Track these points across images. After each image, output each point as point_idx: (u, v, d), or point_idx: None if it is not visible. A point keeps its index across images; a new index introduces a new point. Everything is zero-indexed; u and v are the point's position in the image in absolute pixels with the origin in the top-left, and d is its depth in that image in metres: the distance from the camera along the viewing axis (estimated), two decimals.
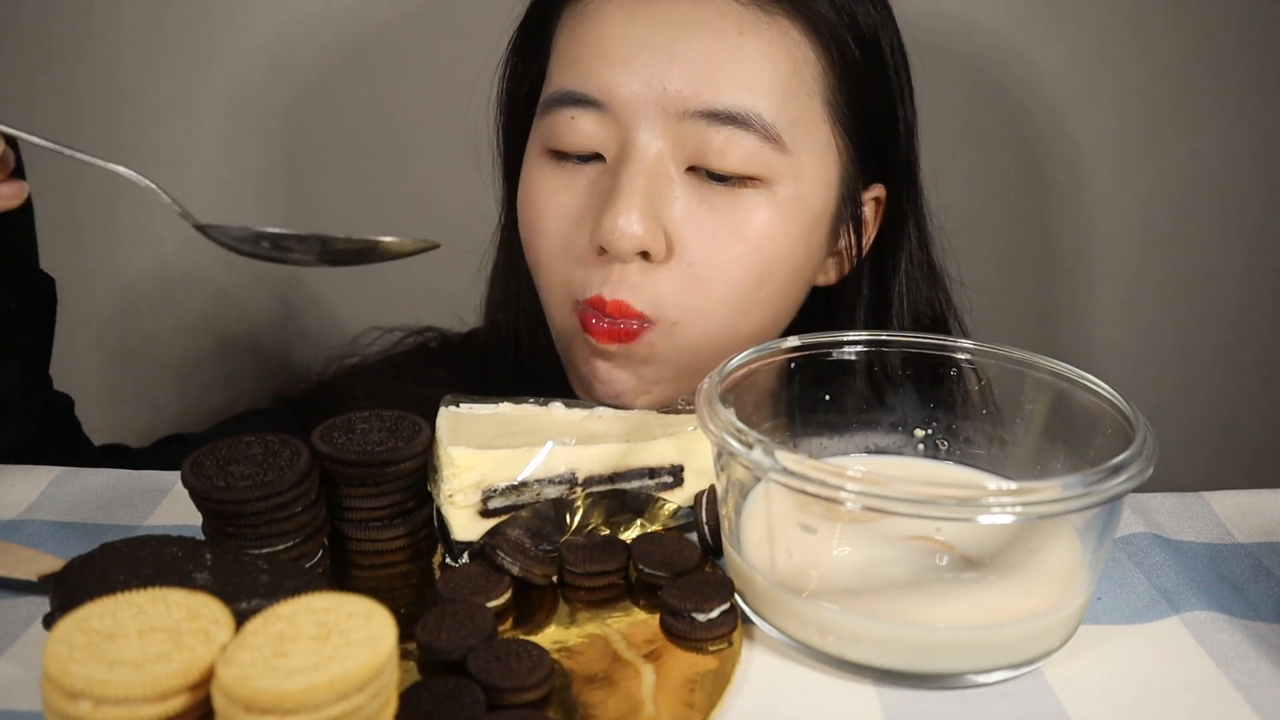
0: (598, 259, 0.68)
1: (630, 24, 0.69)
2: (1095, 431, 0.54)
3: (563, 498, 0.57)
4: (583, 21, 0.71)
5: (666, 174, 0.68)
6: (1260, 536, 0.60)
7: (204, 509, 0.54)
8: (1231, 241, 1.17)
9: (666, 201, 0.68)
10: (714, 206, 0.68)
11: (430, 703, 0.43)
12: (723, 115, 0.67)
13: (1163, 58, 1.10)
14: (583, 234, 0.69)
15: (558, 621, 0.52)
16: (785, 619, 0.50)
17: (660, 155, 0.68)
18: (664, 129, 0.68)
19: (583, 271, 0.69)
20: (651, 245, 0.67)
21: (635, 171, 0.67)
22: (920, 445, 0.62)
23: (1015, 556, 0.52)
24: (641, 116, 0.68)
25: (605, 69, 0.68)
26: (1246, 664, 0.50)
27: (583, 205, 0.70)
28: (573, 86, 0.69)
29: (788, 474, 0.46)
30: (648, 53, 0.68)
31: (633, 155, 0.68)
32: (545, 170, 0.72)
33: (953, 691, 0.48)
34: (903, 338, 0.61)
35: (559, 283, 0.71)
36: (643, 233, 0.66)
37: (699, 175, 0.68)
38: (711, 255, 0.68)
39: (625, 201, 0.66)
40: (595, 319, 0.68)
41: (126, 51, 1.07)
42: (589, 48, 0.70)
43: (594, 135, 0.69)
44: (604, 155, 0.70)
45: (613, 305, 0.67)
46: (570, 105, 0.69)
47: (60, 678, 0.36)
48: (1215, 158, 1.13)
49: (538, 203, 0.72)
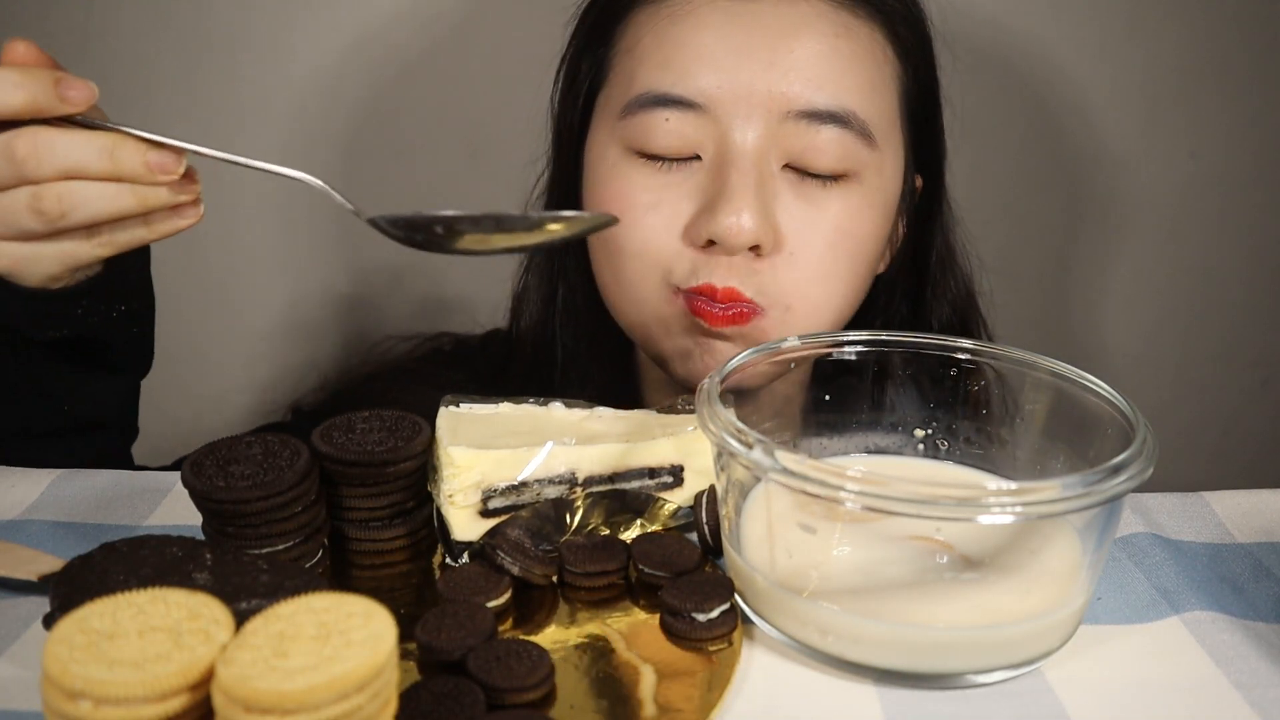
0: (703, 251, 0.71)
1: (728, 26, 0.70)
2: (1095, 431, 0.54)
3: (563, 498, 0.57)
4: (674, 23, 0.72)
5: (769, 170, 0.71)
6: (1260, 536, 0.60)
7: (204, 509, 0.54)
8: (1231, 241, 1.17)
9: (772, 197, 0.71)
10: (811, 200, 0.71)
11: (430, 703, 0.43)
12: (823, 115, 0.70)
13: (1163, 58, 1.10)
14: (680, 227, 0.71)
15: (558, 621, 0.52)
16: (785, 619, 0.50)
17: (761, 153, 0.70)
18: (764, 129, 0.70)
19: (685, 261, 0.72)
20: (764, 239, 0.69)
21: (744, 170, 0.70)
22: (920, 445, 0.62)
23: (1015, 556, 0.52)
24: (743, 117, 0.70)
25: (706, 71, 0.70)
26: (1246, 664, 0.49)
27: (679, 199, 0.72)
28: (669, 89, 0.71)
29: (788, 474, 0.46)
30: (748, 55, 0.70)
31: (738, 154, 0.70)
32: (632, 168, 0.73)
33: (953, 691, 0.48)
34: (903, 338, 0.61)
35: (652, 270, 0.73)
36: (756, 228, 0.69)
37: (795, 171, 0.71)
38: (811, 246, 0.71)
39: (740, 199, 0.69)
40: (707, 305, 0.71)
41: (126, 51, 1.07)
42: (685, 50, 0.71)
43: (690, 136, 0.71)
44: (699, 154, 0.72)
45: (724, 292, 0.70)
46: (666, 107, 0.71)
47: (60, 678, 0.35)
48: (1215, 157, 1.13)
49: (626, 198, 0.73)
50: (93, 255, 0.58)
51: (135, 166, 0.54)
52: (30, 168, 0.53)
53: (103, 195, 0.54)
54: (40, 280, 0.59)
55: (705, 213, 0.70)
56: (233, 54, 1.08)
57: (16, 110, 0.52)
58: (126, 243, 0.58)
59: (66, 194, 0.53)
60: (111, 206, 0.54)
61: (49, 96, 0.53)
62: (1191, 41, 1.10)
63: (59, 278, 0.60)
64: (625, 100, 0.73)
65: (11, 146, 0.53)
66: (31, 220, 0.54)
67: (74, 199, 0.54)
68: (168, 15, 1.06)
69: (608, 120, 0.75)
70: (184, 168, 0.55)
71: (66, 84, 0.53)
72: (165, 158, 0.54)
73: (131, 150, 0.54)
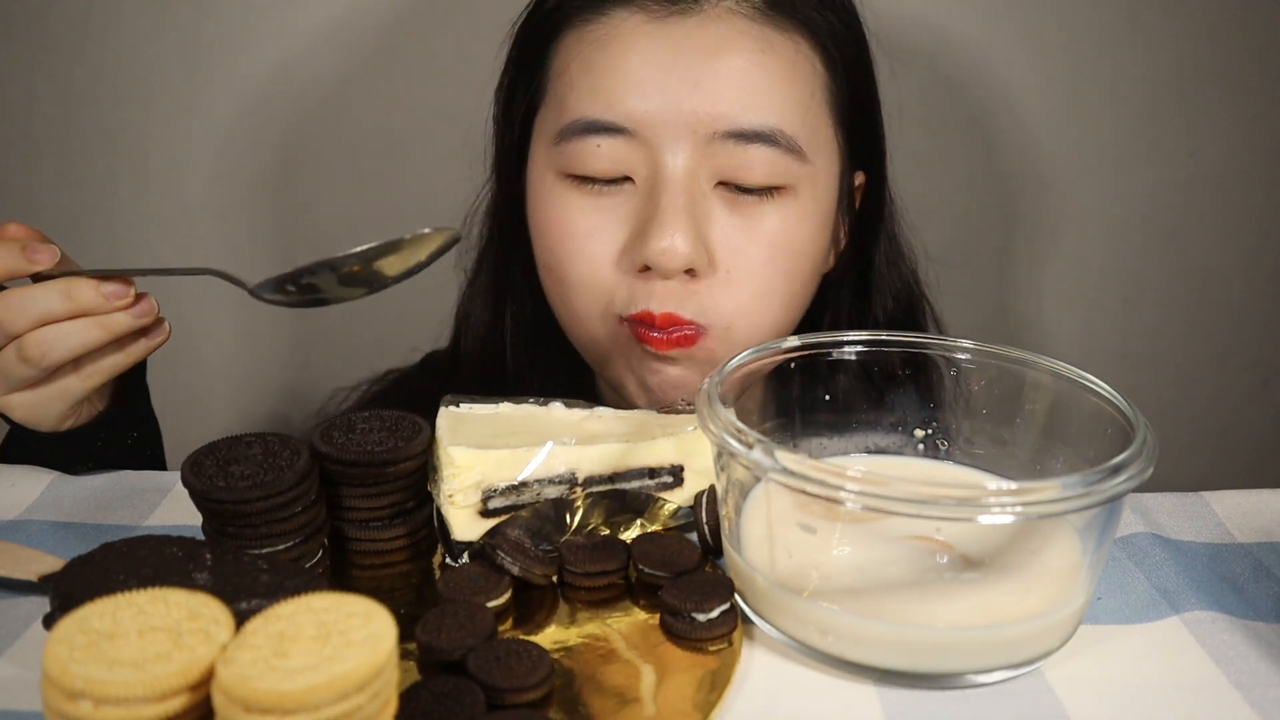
0: (639, 276, 0.71)
1: (653, 49, 0.70)
2: (1095, 431, 0.54)
3: (563, 498, 0.57)
4: (599, 49, 0.72)
5: (700, 191, 0.71)
6: (1260, 536, 0.60)
7: (204, 509, 0.54)
8: (1231, 241, 1.17)
9: (704, 218, 0.71)
10: (744, 216, 0.72)
11: (430, 703, 0.43)
12: (749, 134, 0.70)
13: (1163, 58, 1.10)
14: (618, 254, 0.72)
15: (558, 621, 0.52)
16: (785, 619, 0.50)
17: (692, 174, 0.70)
18: (693, 150, 0.70)
19: (624, 289, 0.72)
20: (697, 262, 0.70)
21: (674, 193, 0.70)
22: (920, 445, 0.62)
23: (1015, 556, 0.52)
24: (671, 139, 0.70)
25: (631, 96, 0.70)
26: (1246, 664, 0.49)
27: (615, 224, 0.72)
28: (598, 115, 0.71)
29: (788, 474, 0.46)
30: (673, 77, 0.69)
31: (668, 177, 0.70)
32: (568, 194, 0.73)
33: (953, 691, 0.48)
34: (903, 337, 0.61)
35: (596, 300, 0.74)
36: (689, 251, 0.69)
37: (727, 189, 0.71)
38: (746, 263, 0.72)
39: (672, 223, 0.69)
40: (648, 331, 0.71)
41: (126, 51, 1.07)
42: (611, 75, 0.71)
43: (621, 160, 0.71)
44: (632, 178, 0.72)
45: (662, 318, 0.71)
46: (595, 134, 0.71)
47: (60, 678, 0.35)
48: (1215, 157, 1.13)
49: (564, 225, 0.73)
50: (84, 387, 0.64)
51: (92, 299, 0.60)
52: (8, 325, 0.60)
53: (73, 331, 0.61)
54: (54, 422, 0.65)
55: (638, 238, 0.70)
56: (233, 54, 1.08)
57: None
58: (110, 369, 0.64)
59: (41, 338, 0.60)
60: (82, 339, 0.61)
61: (18, 260, 0.60)
62: (1191, 41, 1.09)
63: (68, 416, 0.66)
64: (558, 127, 0.73)
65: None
66: (23, 369, 0.61)
67: (50, 340, 0.60)
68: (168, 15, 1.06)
69: (544, 143, 0.75)
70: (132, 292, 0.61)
71: (33, 249, 0.61)
72: (116, 286, 0.60)
73: (85, 287, 0.60)
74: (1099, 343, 1.20)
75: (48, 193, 1.12)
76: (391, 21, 1.08)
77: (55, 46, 1.07)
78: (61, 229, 1.08)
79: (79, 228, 1.12)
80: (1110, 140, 1.12)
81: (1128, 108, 1.12)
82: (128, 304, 0.61)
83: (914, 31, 1.07)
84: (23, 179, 1.11)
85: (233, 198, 1.12)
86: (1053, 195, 1.14)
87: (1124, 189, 1.14)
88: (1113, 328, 1.19)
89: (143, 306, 0.62)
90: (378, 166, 1.11)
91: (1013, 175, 1.14)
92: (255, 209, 1.13)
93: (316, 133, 1.11)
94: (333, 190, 1.12)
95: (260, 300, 0.59)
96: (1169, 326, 1.20)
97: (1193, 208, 1.15)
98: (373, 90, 1.09)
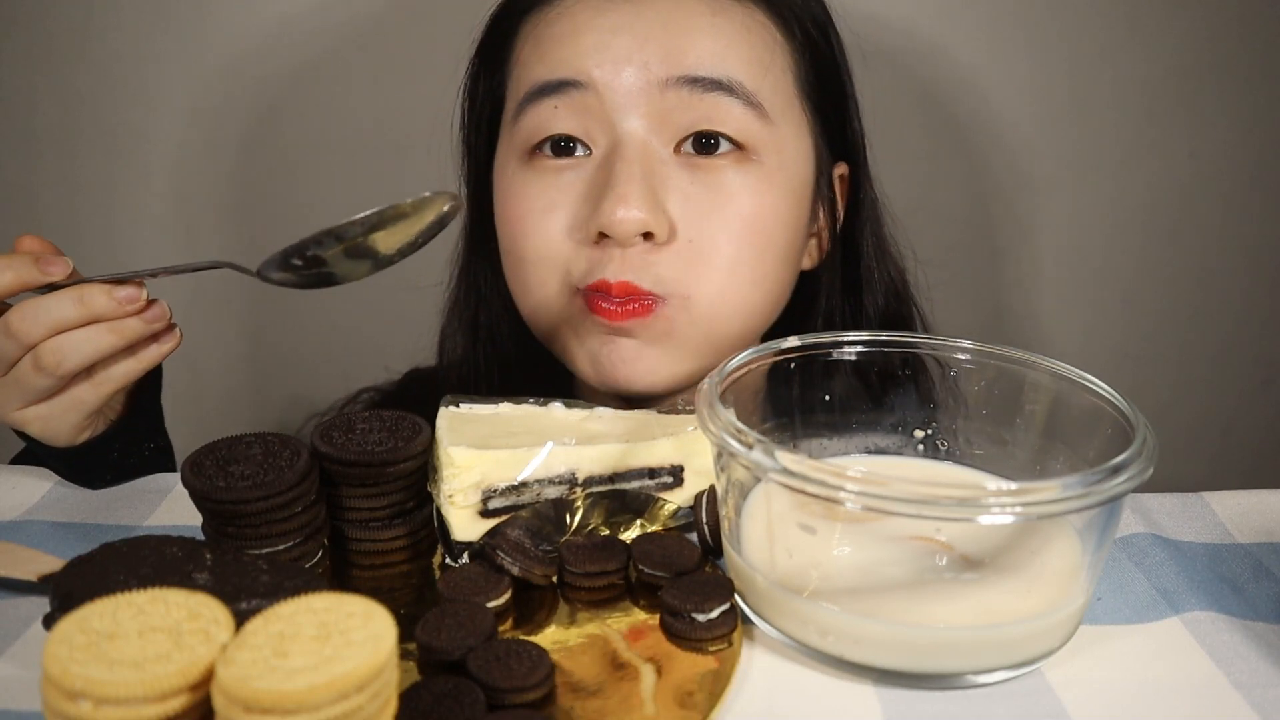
0: (596, 246, 0.70)
1: (601, 14, 0.70)
2: (1095, 431, 0.54)
3: (563, 498, 0.57)
4: (551, 24, 0.72)
5: (658, 156, 0.70)
6: (1260, 536, 0.60)
7: (204, 509, 0.54)
8: (1231, 241, 1.17)
9: (662, 183, 0.69)
10: (705, 184, 0.70)
11: (430, 703, 0.43)
12: (706, 81, 0.69)
13: (1163, 58, 1.10)
14: (574, 226, 0.71)
15: (558, 621, 0.52)
16: (785, 619, 0.50)
17: (648, 137, 0.69)
18: (648, 107, 0.69)
19: (581, 260, 0.70)
20: (655, 226, 0.68)
21: (630, 158, 0.68)
22: (920, 445, 0.62)
23: (1015, 556, 0.52)
24: (624, 96, 0.69)
25: (582, 55, 0.70)
26: (1246, 664, 0.49)
27: (572, 199, 0.71)
28: (550, 76, 0.70)
29: (788, 474, 0.46)
30: (622, 34, 0.69)
31: (624, 141, 0.69)
32: (527, 175, 0.73)
33: (953, 691, 0.48)
34: (903, 338, 0.61)
35: (553, 274, 0.72)
36: (645, 215, 0.67)
37: (687, 154, 0.70)
38: (708, 230, 0.70)
39: (625, 185, 0.67)
40: (603, 301, 0.69)
41: (126, 51, 1.07)
42: (561, 41, 0.71)
43: (577, 124, 0.70)
44: (590, 147, 0.71)
45: (618, 286, 0.69)
46: (550, 95, 0.70)
47: (60, 678, 0.35)
48: (1215, 158, 1.13)
49: (522, 204, 0.72)
50: (97, 396, 0.63)
51: (105, 305, 0.60)
52: (24, 335, 0.60)
53: (86, 339, 0.60)
54: (69, 435, 0.65)
55: (593, 206, 0.69)
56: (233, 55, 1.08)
57: (9, 287, 0.60)
58: (123, 376, 0.63)
59: (57, 346, 0.60)
60: (95, 346, 0.61)
61: (31, 272, 0.61)
62: (1191, 41, 1.10)
63: (83, 428, 0.65)
64: (515, 103, 0.73)
65: (8, 323, 0.60)
66: (39, 379, 0.61)
67: (64, 348, 0.60)
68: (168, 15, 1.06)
69: (507, 136, 0.75)
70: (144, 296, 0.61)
71: (46, 261, 0.61)
72: (129, 291, 0.60)
73: (97, 293, 0.60)
74: (1099, 343, 1.20)
75: (48, 193, 1.12)
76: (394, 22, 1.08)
77: (55, 46, 1.07)
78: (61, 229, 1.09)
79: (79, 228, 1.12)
80: (1110, 140, 1.12)
81: (1128, 108, 1.11)
82: (140, 308, 0.61)
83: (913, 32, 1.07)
84: (23, 179, 1.11)
85: (233, 198, 1.12)
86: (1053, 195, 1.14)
87: (1124, 189, 1.14)
88: (1113, 328, 1.19)
89: (155, 311, 0.62)
90: (380, 167, 1.11)
91: (1013, 176, 1.14)
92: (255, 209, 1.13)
93: (317, 133, 1.11)
94: (334, 190, 1.12)
95: (267, 281, 0.59)
96: (1169, 326, 1.20)
97: (1193, 208, 1.15)
98: (375, 91, 1.09)
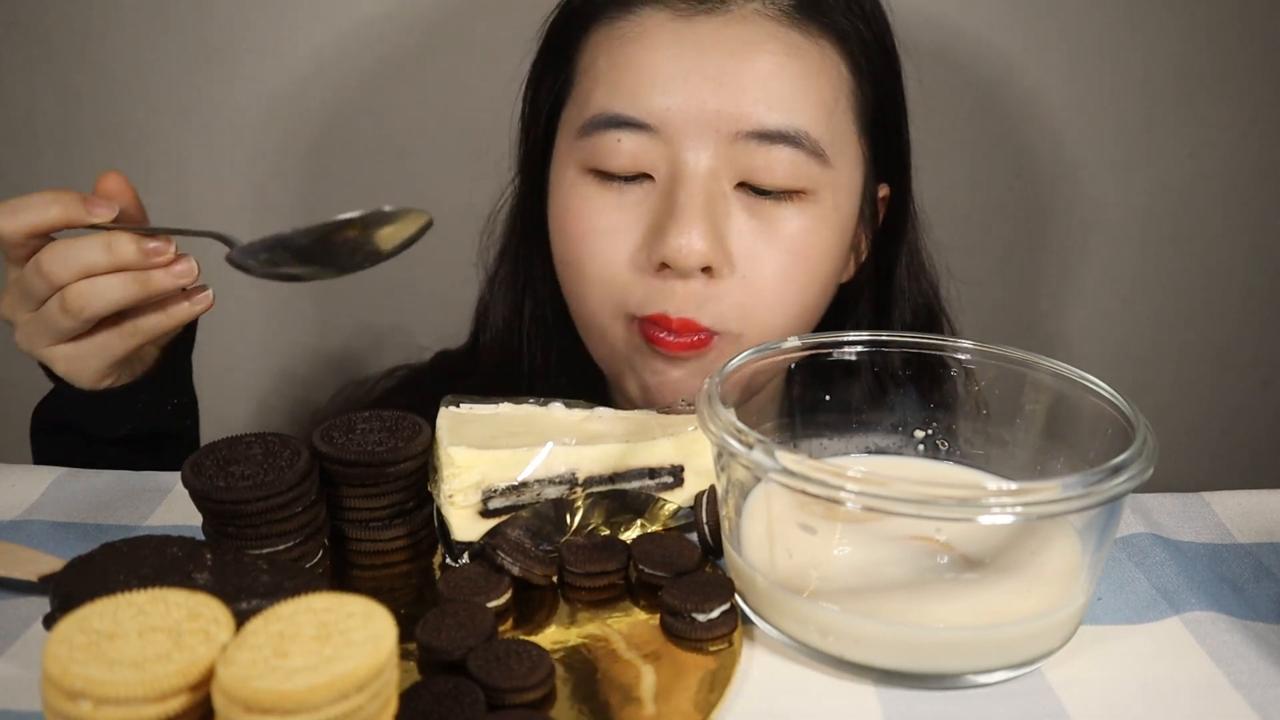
0: (656, 275, 0.71)
1: (678, 47, 0.70)
2: (1095, 431, 0.54)
3: (563, 498, 0.57)
4: (626, 45, 0.72)
5: (720, 191, 0.70)
6: (1260, 536, 0.60)
7: (204, 509, 0.54)
8: (1231, 241, 1.17)
9: (723, 217, 0.70)
10: (763, 219, 0.71)
11: (430, 703, 0.43)
12: (773, 134, 0.69)
13: (1163, 58, 1.10)
14: (636, 251, 0.71)
15: (558, 621, 0.52)
16: (785, 619, 0.50)
17: (713, 173, 0.70)
18: (715, 149, 0.70)
19: (640, 288, 0.72)
20: (714, 260, 0.69)
21: (693, 191, 0.69)
22: (920, 445, 0.62)
23: (1015, 556, 0.52)
24: (693, 137, 0.70)
25: (655, 93, 0.70)
26: (1246, 664, 0.49)
27: (634, 223, 0.72)
28: (621, 110, 0.71)
29: (788, 474, 0.46)
30: (697, 76, 0.69)
31: (687, 174, 0.70)
32: (588, 189, 0.73)
33: (953, 691, 0.48)
34: (903, 338, 0.61)
35: (611, 299, 0.73)
36: (707, 249, 0.68)
37: (746, 190, 0.71)
38: (764, 267, 0.71)
39: (689, 219, 0.68)
40: (661, 332, 0.71)
41: (126, 51, 1.07)
42: (636, 72, 0.71)
43: (642, 156, 0.71)
44: (652, 175, 0.71)
45: (679, 323, 0.70)
46: (617, 128, 0.71)
47: (60, 678, 0.35)
48: (1216, 158, 1.13)
49: (583, 221, 0.73)
50: (124, 346, 0.65)
51: (131, 255, 0.61)
52: (54, 275, 0.62)
53: (111, 286, 0.62)
54: (92, 378, 0.67)
55: (655, 235, 0.70)
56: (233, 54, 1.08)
57: (55, 223, 0.62)
58: (150, 330, 0.65)
59: (82, 290, 0.62)
60: (120, 294, 0.62)
61: (78, 210, 0.62)
62: (1191, 41, 1.10)
63: (107, 374, 0.67)
64: (581, 121, 0.73)
65: (39, 262, 0.62)
66: (64, 319, 0.63)
67: (90, 292, 0.62)
68: (168, 15, 1.06)
69: (568, 138, 0.75)
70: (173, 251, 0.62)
71: (92, 202, 0.62)
72: (157, 244, 0.62)
73: (125, 242, 0.61)
74: (1099, 343, 1.20)
75: None
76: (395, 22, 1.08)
77: (55, 46, 1.07)
78: None
79: None
80: (1110, 141, 1.12)
81: (1128, 108, 1.12)
82: (167, 261, 0.62)
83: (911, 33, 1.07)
84: (23, 179, 1.11)
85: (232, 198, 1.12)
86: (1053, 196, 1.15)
87: (1124, 190, 1.14)
88: (1113, 328, 1.19)
89: (181, 267, 0.62)
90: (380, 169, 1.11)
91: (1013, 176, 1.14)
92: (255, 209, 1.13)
93: (317, 133, 1.11)
94: (334, 191, 1.12)
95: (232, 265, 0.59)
96: (1169, 326, 1.20)
97: (1193, 208, 1.15)
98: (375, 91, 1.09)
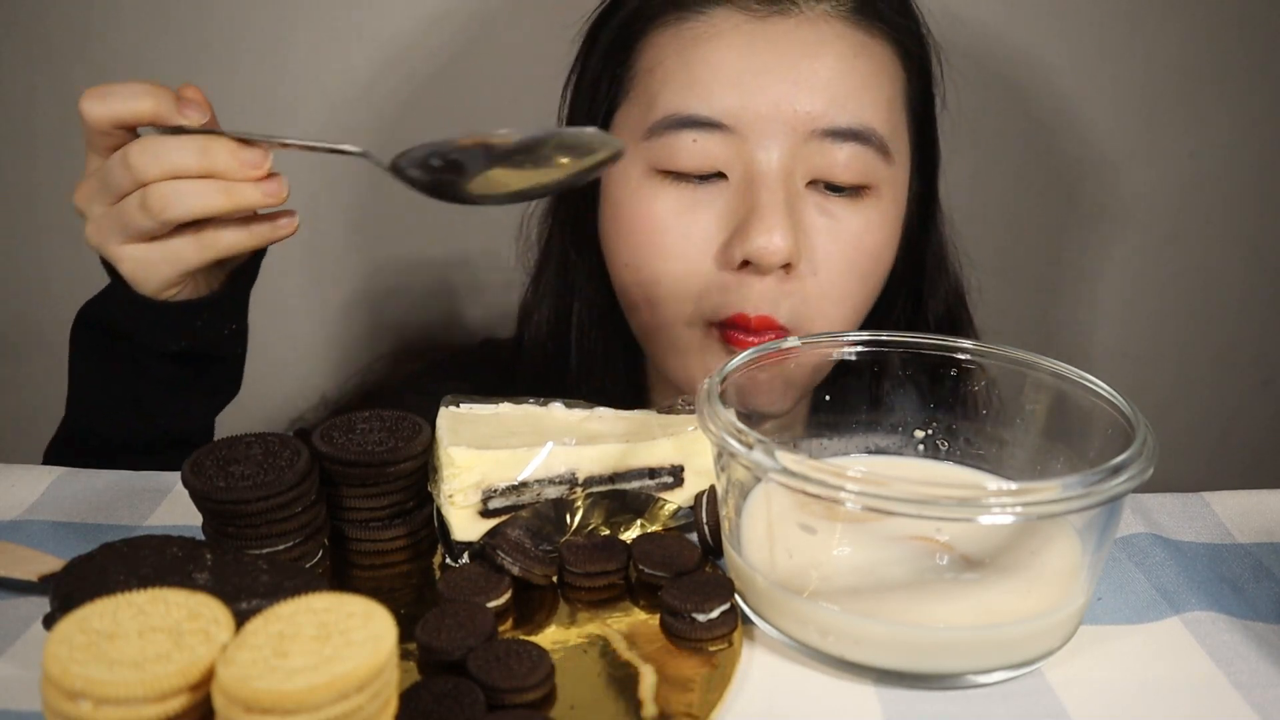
0: (735, 273, 0.71)
1: (750, 47, 0.71)
2: (1095, 432, 0.54)
3: (563, 498, 0.57)
4: (697, 44, 0.72)
5: (795, 188, 0.71)
6: (1260, 536, 0.60)
7: (204, 509, 0.54)
8: (1231, 241, 1.17)
9: (799, 215, 0.71)
10: (831, 216, 0.72)
11: (430, 703, 0.43)
12: (844, 133, 0.71)
13: (1163, 58, 1.10)
14: (716, 250, 0.72)
15: (558, 621, 0.52)
16: (785, 619, 0.50)
17: (787, 171, 0.71)
18: (788, 147, 0.71)
19: (717, 288, 0.72)
20: (795, 257, 0.70)
21: (773, 189, 0.70)
22: (920, 445, 0.62)
23: (1015, 556, 0.52)
24: (768, 135, 0.70)
25: (730, 92, 0.70)
26: (1246, 664, 0.49)
27: (711, 221, 0.72)
28: (695, 110, 0.71)
29: (788, 474, 0.46)
30: (771, 74, 0.70)
31: (765, 172, 0.71)
32: (659, 190, 0.73)
33: (953, 691, 0.48)
34: (903, 338, 0.61)
35: (685, 299, 0.73)
36: (790, 246, 0.69)
37: (817, 187, 0.72)
38: (830, 263, 0.72)
39: (772, 217, 0.69)
40: (739, 333, 0.71)
41: (126, 51, 1.07)
42: (710, 71, 0.71)
43: (718, 156, 0.71)
44: (726, 174, 0.72)
45: (758, 320, 0.71)
46: (691, 128, 0.71)
47: (60, 678, 0.35)
48: (1216, 158, 1.13)
49: (657, 222, 0.73)
50: (199, 258, 0.63)
51: (225, 162, 0.60)
52: (140, 170, 0.60)
53: (197, 191, 0.60)
54: (157, 286, 0.65)
55: (738, 233, 0.70)
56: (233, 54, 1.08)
57: (144, 114, 0.60)
58: (228, 246, 0.63)
59: (168, 191, 0.60)
60: (204, 202, 0.60)
61: (170, 108, 0.61)
62: (1191, 41, 1.10)
63: (173, 284, 0.65)
64: (649, 122, 0.73)
65: (128, 153, 0.60)
66: (142, 218, 0.61)
67: (174, 195, 0.60)
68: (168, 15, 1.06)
69: (627, 140, 0.75)
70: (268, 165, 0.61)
71: (186, 103, 0.61)
72: (253, 154, 0.60)
73: (221, 148, 0.60)
74: (1099, 343, 1.20)
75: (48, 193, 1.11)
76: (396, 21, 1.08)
77: (55, 46, 1.07)
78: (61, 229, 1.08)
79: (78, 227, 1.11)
80: (1110, 141, 1.12)
81: (1127, 108, 1.12)
82: (260, 175, 0.61)
83: None
84: (23, 179, 1.11)
85: None
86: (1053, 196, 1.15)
87: (1124, 190, 1.14)
88: (1113, 328, 1.19)
89: (272, 185, 0.61)
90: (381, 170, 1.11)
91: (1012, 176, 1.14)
92: None
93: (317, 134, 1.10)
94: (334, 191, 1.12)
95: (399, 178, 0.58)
96: (1169, 326, 1.20)
97: (1193, 208, 1.15)
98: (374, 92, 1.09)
